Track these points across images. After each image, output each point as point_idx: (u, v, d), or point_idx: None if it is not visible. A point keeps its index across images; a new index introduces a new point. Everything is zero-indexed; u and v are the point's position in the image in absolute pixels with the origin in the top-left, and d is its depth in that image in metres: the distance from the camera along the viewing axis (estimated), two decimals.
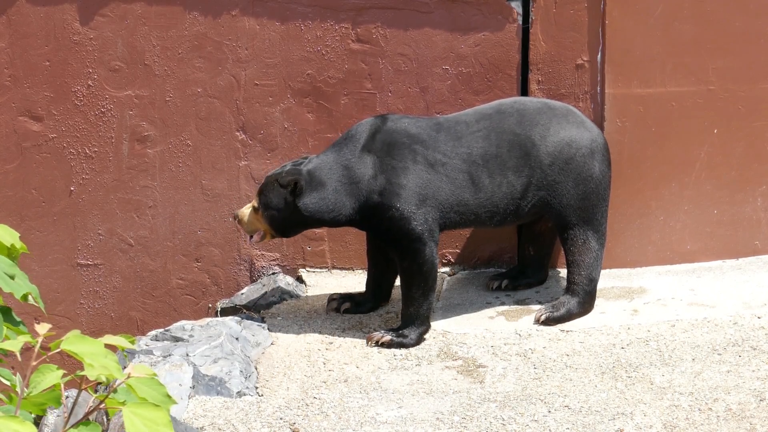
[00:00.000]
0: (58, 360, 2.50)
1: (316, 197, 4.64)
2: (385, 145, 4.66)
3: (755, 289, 4.97)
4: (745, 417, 4.01)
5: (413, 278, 4.65)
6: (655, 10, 5.09)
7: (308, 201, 4.64)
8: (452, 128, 4.74)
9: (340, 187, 4.65)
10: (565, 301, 4.79)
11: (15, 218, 5.20)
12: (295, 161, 4.76)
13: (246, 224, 4.75)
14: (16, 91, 5.15)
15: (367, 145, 4.67)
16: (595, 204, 4.81)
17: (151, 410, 2.26)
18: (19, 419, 2.20)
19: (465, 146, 4.70)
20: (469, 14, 5.11)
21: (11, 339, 2.42)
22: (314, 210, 4.65)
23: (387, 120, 4.74)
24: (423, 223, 4.62)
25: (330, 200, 4.65)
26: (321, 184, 4.65)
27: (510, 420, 4.04)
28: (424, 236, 4.62)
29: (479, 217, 4.71)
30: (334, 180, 4.65)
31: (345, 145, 4.70)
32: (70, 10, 5.10)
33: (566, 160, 4.76)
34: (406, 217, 4.61)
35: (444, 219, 4.67)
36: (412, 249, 4.63)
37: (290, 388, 4.35)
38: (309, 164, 4.69)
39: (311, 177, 4.65)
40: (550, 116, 4.79)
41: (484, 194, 4.68)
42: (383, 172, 4.63)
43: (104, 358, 2.28)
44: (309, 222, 4.71)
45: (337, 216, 4.67)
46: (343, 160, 4.67)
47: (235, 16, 5.13)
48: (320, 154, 4.74)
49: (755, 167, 5.26)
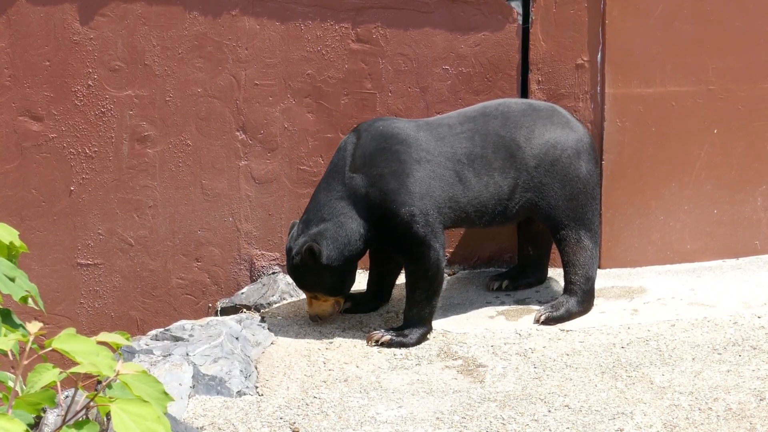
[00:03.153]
0: (58, 360, 2.50)
1: (332, 245, 4.59)
2: (365, 157, 4.61)
3: (755, 289, 4.97)
4: (745, 416, 4.01)
5: (418, 281, 4.65)
6: (655, 10, 5.09)
7: (328, 253, 4.58)
8: (434, 129, 4.71)
9: (344, 221, 4.59)
10: (564, 300, 4.80)
11: (15, 218, 5.20)
12: (291, 234, 4.68)
13: (325, 313, 4.74)
14: (16, 91, 5.15)
15: (350, 167, 4.62)
16: (584, 203, 4.81)
17: (139, 406, 2.25)
18: (9, 417, 2.18)
19: (448, 146, 4.68)
20: (469, 14, 5.11)
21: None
22: (338, 255, 4.58)
23: (360, 132, 4.69)
24: (425, 225, 4.60)
25: (343, 237, 4.59)
26: (325, 230, 4.59)
27: (510, 419, 4.04)
28: (428, 238, 4.60)
29: (469, 215, 4.70)
30: (336, 219, 4.59)
31: (332, 178, 4.64)
32: (70, 10, 5.10)
33: (552, 161, 4.76)
34: (407, 221, 4.58)
35: (441, 215, 4.64)
36: (417, 253, 4.61)
37: (290, 388, 4.35)
38: (306, 224, 4.62)
39: (318, 233, 4.59)
40: (534, 118, 4.78)
41: (472, 192, 4.67)
42: (373, 185, 4.58)
43: (96, 356, 2.27)
44: (345, 268, 4.63)
45: (359, 246, 4.61)
46: (334, 195, 4.61)
47: (235, 16, 5.13)
48: (311, 201, 4.69)
49: (755, 167, 5.26)
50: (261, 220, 5.25)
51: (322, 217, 4.60)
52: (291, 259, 4.65)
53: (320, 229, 4.59)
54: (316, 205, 4.65)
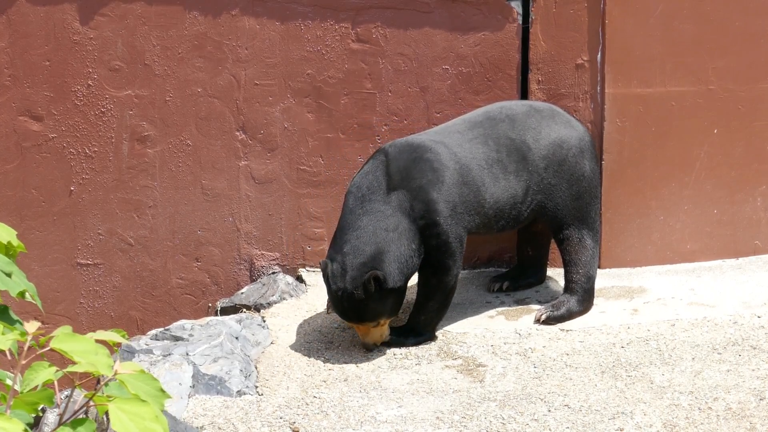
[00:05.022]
0: (58, 359, 2.50)
1: (392, 266, 4.46)
2: (401, 172, 4.54)
3: (755, 289, 4.97)
4: (745, 416, 4.01)
5: (436, 292, 4.62)
6: (655, 10, 5.09)
7: (393, 276, 4.45)
8: (448, 137, 4.68)
9: (398, 239, 4.47)
10: (565, 300, 4.80)
11: (15, 218, 5.20)
12: (331, 272, 4.47)
13: (383, 338, 4.59)
14: (16, 91, 5.15)
15: (388, 185, 4.52)
16: (588, 202, 4.81)
17: (137, 405, 2.25)
18: (8, 417, 2.19)
19: (467, 152, 4.66)
20: (469, 14, 5.11)
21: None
22: (399, 275, 4.46)
23: (386, 151, 4.60)
24: (456, 238, 4.56)
25: (401, 256, 4.47)
26: (380, 254, 4.45)
27: (510, 419, 4.04)
28: (456, 251, 4.57)
29: (490, 220, 4.68)
30: (388, 239, 4.47)
31: (368, 202, 4.51)
32: (70, 10, 5.10)
33: (559, 161, 4.76)
34: (444, 230, 4.53)
35: (470, 223, 4.61)
36: (444, 266, 4.58)
37: (290, 387, 4.35)
38: (353, 255, 4.45)
39: (373, 259, 4.44)
40: (538, 119, 4.78)
41: (493, 197, 4.66)
42: (416, 198, 4.51)
43: (94, 355, 2.27)
44: (404, 287, 4.53)
45: (415, 262, 4.52)
46: (378, 216, 4.49)
47: (235, 16, 5.13)
48: (350, 231, 4.50)
49: (755, 167, 5.26)
50: (261, 220, 5.25)
51: (372, 241, 4.46)
52: (349, 295, 4.43)
53: (374, 253, 4.45)
54: (358, 232, 4.48)
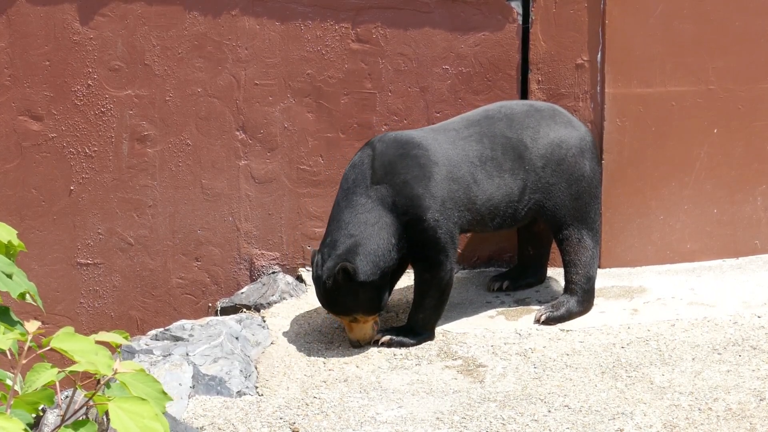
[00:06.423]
0: (58, 359, 2.50)
1: (366, 260, 4.47)
2: (386, 166, 4.55)
3: (755, 289, 4.97)
4: (745, 416, 4.00)
5: (431, 288, 4.63)
6: (655, 10, 5.09)
7: (364, 269, 4.46)
8: (442, 134, 4.69)
9: (375, 233, 4.49)
10: (565, 300, 4.80)
11: (15, 217, 5.20)
12: (315, 262, 4.53)
13: (367, 336, 4.60)
14: (16, 91, 5.15)
15: (372, 178, 4.54)
16: (588, 202, 4.81)
17: (137, 404, 2.25)
18: (8, 416, 2.18)
19: (460, 149, 4.66)
20: (469, 14, 5.11)
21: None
22: (373, 269, 4.47)
23: (374, 144, 4.62)
24: (446, 233, 4.57)
25: (376, 250, 4.48)
26: (356, 246, 4.48)
27: (510, 419, 4.04)
28: (447, 247, 4.57)
29: (483, 218, 4.69)
30: (366, 233, 4.49)
31: (352, 194, 4.54)
32: (70, 10, 5.10)
33: (558, 161, 4.76)
34: (432, 226, 4.54)
35: (461, 219, 4.61)
36: (436, 261, 4.58)
37: (290, 388, 4.34)
38: (332, 246, 4.48)
39: (347, 251, 4.47)
40: (538, 118, 4.78)
41: (485, 195, 4.67)
42: (399, 193, 4.52)
43: (95, 355, 2.27)
44: (381, 282, 4.51)
45: (393, 257, 4.51)
46: (359, 210, 4.51)
47: (235, 16, 5.13)
48: (332, 222, 4.56)
49: (755, 167, 5.26)
50: (261, 220, 5.25)
51: (350, 233, 4.49)
52: (323, 284, 4.49)
53: (349, 246, 4.47)
54: (339, 224, 4.52)
